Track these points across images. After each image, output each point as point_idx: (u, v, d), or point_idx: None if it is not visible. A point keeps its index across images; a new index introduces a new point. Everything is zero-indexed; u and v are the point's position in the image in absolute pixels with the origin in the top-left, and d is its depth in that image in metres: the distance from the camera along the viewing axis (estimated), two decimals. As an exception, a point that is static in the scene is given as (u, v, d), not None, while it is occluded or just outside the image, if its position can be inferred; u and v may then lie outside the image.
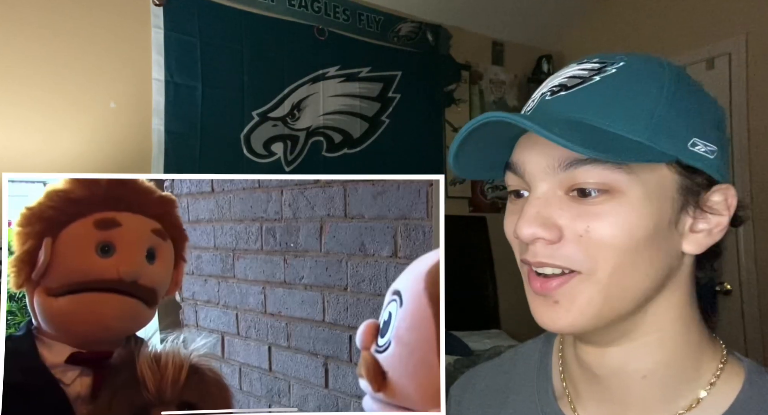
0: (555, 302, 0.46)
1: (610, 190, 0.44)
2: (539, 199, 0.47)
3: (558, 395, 0.57)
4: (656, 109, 0.45)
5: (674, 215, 0.46)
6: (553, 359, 0.60)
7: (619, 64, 0.48)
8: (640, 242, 0.45)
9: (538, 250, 0.46)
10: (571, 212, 0.45)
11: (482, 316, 2.78)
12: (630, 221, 0.44)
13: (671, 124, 0.45)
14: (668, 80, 0.47)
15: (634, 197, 0.44)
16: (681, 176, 0.46)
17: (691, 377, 0.50)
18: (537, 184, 0.47)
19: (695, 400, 0.49)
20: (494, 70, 3.16)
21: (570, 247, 0.45)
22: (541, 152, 0.47)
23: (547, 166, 0.46)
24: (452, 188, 2.92)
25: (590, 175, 0.45)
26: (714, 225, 0.47)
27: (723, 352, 0.52)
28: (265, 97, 2.37)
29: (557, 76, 0.51)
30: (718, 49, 2.55)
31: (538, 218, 0.46)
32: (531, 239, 0.46)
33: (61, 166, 1.90)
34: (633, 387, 0.50)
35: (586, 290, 0.45)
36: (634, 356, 0.49)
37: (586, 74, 0.48)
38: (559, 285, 0.46)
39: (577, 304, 0.46)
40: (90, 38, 1.98)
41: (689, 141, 0.45)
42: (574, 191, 0.46)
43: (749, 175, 2.43)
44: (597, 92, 0.47)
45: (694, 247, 0.47)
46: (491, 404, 0.62)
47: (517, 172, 0.49)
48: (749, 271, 2.44)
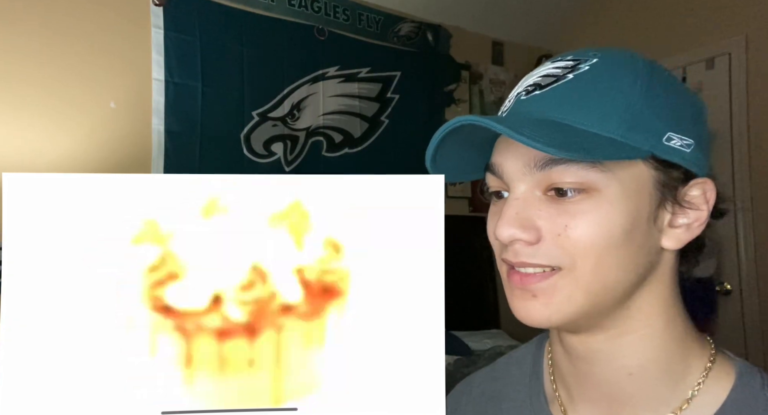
0: (533, 295, 0.47)
1: (587, 189, 0.45)
2: (518, 201, 0.47)
3: (549, 399, 0.57)
4: (629, 104, 0.45)
5: (652, 210, 0.46)
6: (543, 363, 0.60)
7: (593, 60, 0.48)
8: (619, 239, 0.45)
9: (519, 250, 0.47)
10: (549, 211, 0.46)
11: (482, 316, 2.78)
12: (608, 218, 0.44)
13: (645, 119, 0.45)
14: (641, 75, 0.46)
15: (610, 195, 0.45)
16: (657, 171, 0.46)
17: (679, 376, 0.49)
18: (515, 185, 0.48)
19: (685, 400, 0.48)
20: (494, 70, 3.16)
21: (549, 246, 0.46)
22: (517, 153, 0.47)
23: (523, 167, 0.47)
24: (452, 188, 2.92)
25: (566, 175, 0.45)
26: (693, 220, 0.47)
27: (711, 350, 0.51)
28: (265, 97, 2.37)
29: (532, 75, 0.51)
30: (718, 49, 2.54)
31: (517, 219, 0.46)
32: (510, 240, 0.46)
33: (61, 166, 1.90)
34: (621, 385, 0.50)
35: (567, 286, 0.46)
36: (619, 352, 0.49)
37: (559, 72, 0.48)
38: (539, 279, 0.46)
39: (555, 299, 0.46)
40: (90, 38, 1.98)
41: (664, 135, 0.45)
42: (552, 191, 0.46)
43: (749, 175, 2.43)
44: (570, 90, 0.47)
45: (673, 242, 0.47)
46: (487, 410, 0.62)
47: (496, 173, 0.50)
48: (749, 271, 2.43)
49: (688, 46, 2.60)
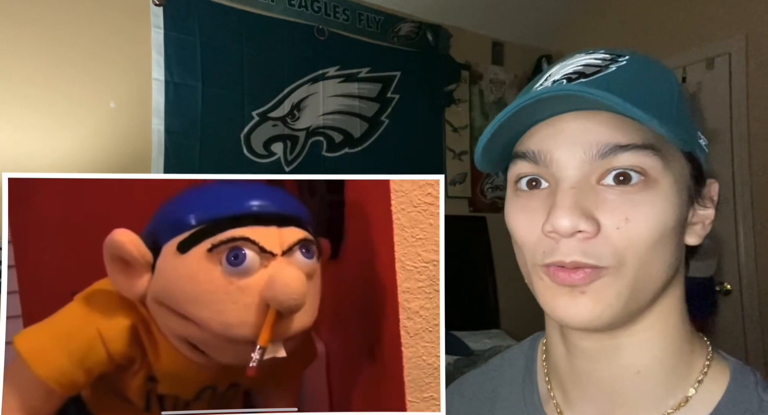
0: (582, 292, 0.44)
1: (647, 176, 0.43)
2: (575, 189, 0.43)
3: (544, 400, 0.56)
4: (673, 99, 0.45)
5: (688, 206, 0.46)
6: (537, 363, 0.60)
7: (626, 57, 0.47)
8: (669, 234, 0.44)
9: (572, 246, 0.43)
10: (608, 203, 0.43)
11: (482, 316, 2.78)
12: (664, 211, 0.44)
13: (686, 115, 0.45)
14: (671, 75, 0.47)
15: (666, 186, 0.44)
16: (692, 167, 0.46)
17: (682, 374, 0.49)
18: (568, 173, 0.44)
19: (684, 398, 0.48)
20: (494, 70, 3.16)
21: (604, 241, 0.43)
22: (575, 139, 0.44)
23: (583, 154, 0.44)
24: (452, 188, 2.92)
25: (629, 162, 0.43)
26: (705, 218, 0.48)
27: (708, 349, 0.51)
28: (265, 97, 2.37)
29: (567, 65, 0.48)
30: (718, 49, 2.54)
31: (578, 208, 0.42)
32: (571, 231, 0.42)
33: (61, 166, 1.90)
34: (625, 384, 0.49)
35: (614, 284, 0.43)
36: (631, 351, 0.49)
37: (600, 63, 0.46)
38: (586, 276, 0.43)
39: (605, 297, 0.43)
40: (90, 38, 1.98)
41: (697, 133, 0.46)
42: (610, 178, 0.43)
43: (749, 175, 2.43)
44: (621, 79, 0.44)
45: (694, 238, 0.48)
46: (480, 411, 0.61)
47: (539, 161, 0.46)
48: (749, 271, 2.43)
49: (688, 46, 2.60)
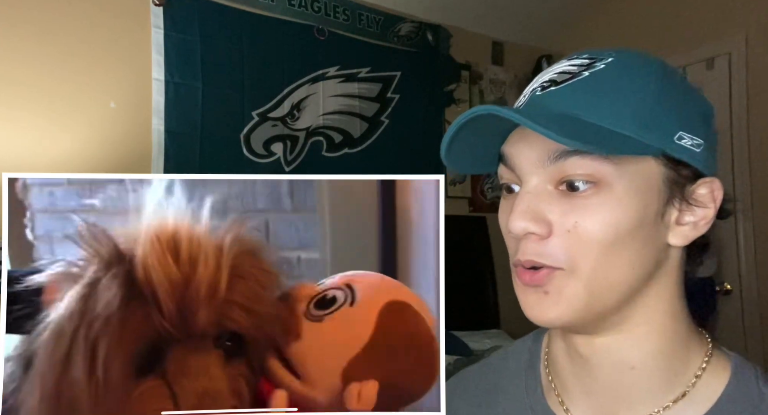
0: (545, 292, 0.47)
1: (598, 182, 0.45)
2: (529, 194, 0.47)
3: (546, 392, 0.57)
4: (643, 103, 0.46)
5: (660, 207, 0.47)
6: (540, 357, 0.61)
7: (608, 59, 0.48)
8: (626, 236, 0.45)
9: (528, 247, 0.47)
10: (560, 206, 0.46)
11: (482, 316, 2.78)
12: (616, 215, 0.45)
13: (658, 118, 0.46)
14: (655, 75, 0.48)
15: (620, 190, 0.45)
16: (667, 169, 0.47)
17: (679, 370, 0.50)
18: (527, 177, 0.48)
19: (683, 392, 0.49)
20: (494, 70, 3.16)
21: (556, 242, 0.46)
22: (531, 145, 0.47)
23: (536, 159, 0.47)
24: (452, 188, 2.92)
25: (578, 167, 0.45)
26: (700, 218, 0.48)
27: (708, 345, 0.52)
28: (265, 97, 2.37)
29: (547, 72, 0.51)
30: (718, 49, 2.54)
31: (529, 212, 0.46)
32: (522, 233, 0.47)
33: (61, 166, 1.90)
34: (622, 378, 0.50)
35: (571, 284, 0.46)
36: (623, 346, 0.50)
37: (575, 70, 0.49)
38: (547, 275, 0.47)
39: (564, 296, 0.46)
40: (90, 38, 1.98)
41: (676, 134, 0.46)
42: (563, 185, 0.46)
43: (749, 175, 2.43)
44: (586, 87, 0.47)
45: (679, 239, 0.48)
46: (481, 404, 0.62)
47: (508, 164, 0.50)
48: (749, 271, 2.43)
49: (688, 46, 2.60)
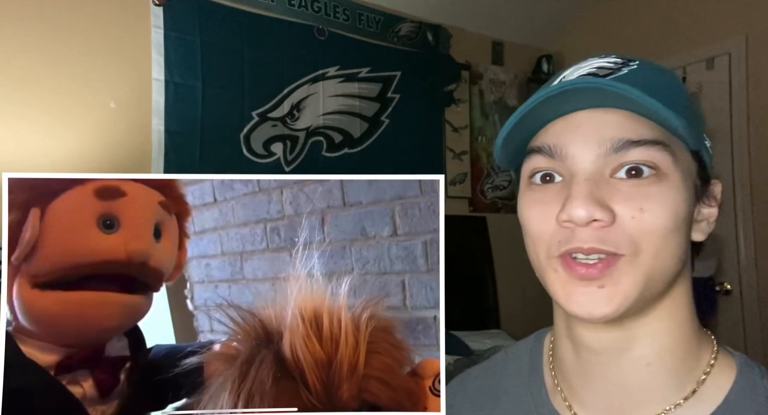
0: (600, 286, 0.45)
1: (658, 171, 0.45)
2: (589, 181, 0.45)
3: (551, 393, 0.57)
4: (685, 102, 0.48)
5: (695, 201, 0.49)
6: (544, 358, 0.60)
7: (636, 62, 0.50)
8: (680, 225, 0.46)
9: (588, 235, 0.45)
10: (621, 194, 0.45)
11: (482, 316, 2.78)
12: (675, 203, 0.45)
13: (695, 118, 0.48)
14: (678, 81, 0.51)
15: (676, 180, 0.46)
16: (698, 165, 0.49)
17: (692, 366, 0.50)
18: (583, 166, 0.46)
19: (693, 390, 0.50)
20: (494, 70, 3.16)
21: (620, 230, 0.45)
22: (590, 134, 0.46)
23: (597, 148, 0.46)
24: (452, 188, 2.92)
25: (641, 156, 0.45)
26: (710, 216, 0.50)
27: (714, 343, 0.53)
28: (265, 97, 2.37)
29: (580, 67, 0.50)
30: (718, 49, 2.54)
31: (593, 198, 0.44)
32: (587, 220, 0.44)
33: (61, 166, 1.90)
34: (636, 375, 0.50)
35: (631, 271, 0.45)
36: (642, 342, 0.49)
37: (613, 66, 0.49)
38: (606, 266, 0.45)
39: (622, 287, 0.45)
40: (90, 38, 1.98)
41: (702, 134, 0.49)
42: (622, 172, 0.45)
43: (749, 175, 2.43)
44: (635, 80, 0.46)
45: (700, 235, 0.50)
46: (483, 406, 0.62)
47: (555, 155, 0.48)
48: (749, 271, 2.43)
49: (688, 46, 2.60)
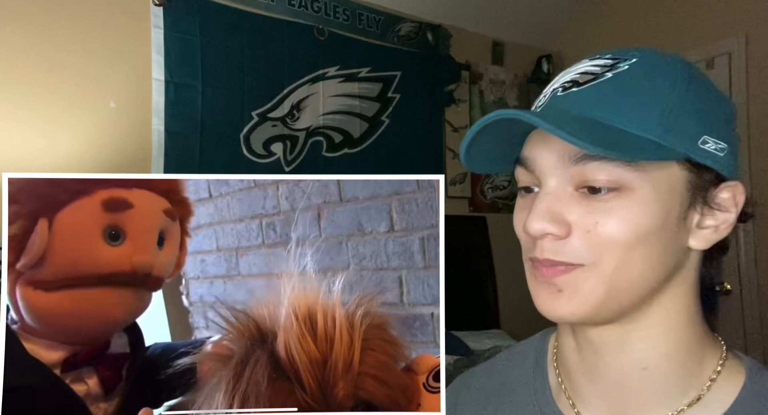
0: (559, 290, 0.47)
1: (620, 187, 0.45)
2: (549, 195, 0.47)
3: (555, 393, 0.57)
4: (668, 107, 0.45)
5: (682, 211, 0.46)
6: (548, 358, 0.60)
7: (632, 60, 0.48)
8: (647, 238, 0.45)
9: (546, 245, 0.47)
10: (580, 208, 0.46)
11: (482, 316, 2.78)
12: (638, 217, 0.45)
13: (682, 122, 0.45)
14: (680, 77, 0.47)
15: (642, 194, 0.45)
16: (690, 173, 0.46)
17: (693, 373, 0.50)
18: (547, 179, 0.48)
19: (697, 396, 0.49)
20: (494, 70, 3.16)
21: (576, 242, 0.46)
22: (551, 148, 0.47)
23: (557, 161, 0.47)
24: (452, 188, 2.92)
25: (600, 172, 0.45)
26: (721, 222, 0.48)
27: (723, 349, 0.52)
28: (265, 97, 2.37)
29: (569, 71, 0.50)
30: (718, 49, 2.54)
31: (548, 213, 0.46)
32: (540, 234, 0.46)
33: (61, 166, 1.90)
34: (633, 379, 0.50)
35: (590, 280, 0.46)
36: (636, 346, 0.49)
37: (598, 70, 0.48)
38: (564, 272, 0.46)
39: (580, 293, 0.46)
40: (90, 38, 1.98)
41: (700, 139, 0.46)
42: (584, 188, 0.46)
43: (749, 176, 2.43)
44: (609, 89, 0.46)
45: (700, 242, 0.48)
46: (487, 405, 0.61)
47: (528, 167, 0.49)
48: (749, 271, 2.43)
49: (688, 46, 2.60)
